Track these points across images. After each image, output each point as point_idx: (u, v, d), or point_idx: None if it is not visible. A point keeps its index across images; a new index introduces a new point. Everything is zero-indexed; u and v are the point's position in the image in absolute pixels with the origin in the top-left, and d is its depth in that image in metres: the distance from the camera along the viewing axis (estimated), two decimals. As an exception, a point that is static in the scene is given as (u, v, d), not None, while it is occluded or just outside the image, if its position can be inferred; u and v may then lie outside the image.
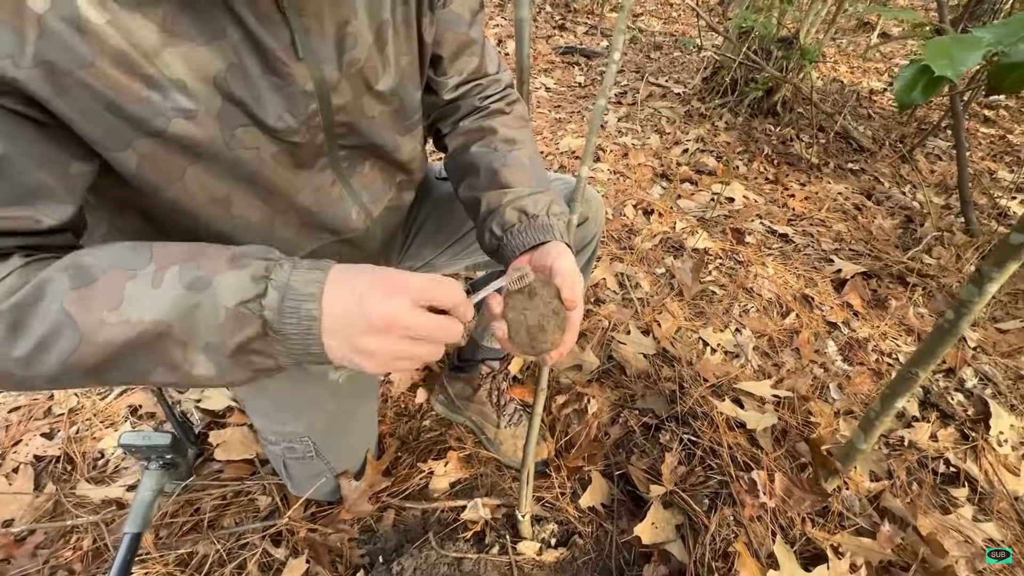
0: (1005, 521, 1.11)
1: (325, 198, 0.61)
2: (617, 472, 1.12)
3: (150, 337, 0.40)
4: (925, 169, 2.33)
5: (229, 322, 0.41)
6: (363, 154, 0.63)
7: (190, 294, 0.41)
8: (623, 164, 2.16)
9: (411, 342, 0.44)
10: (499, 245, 0.64)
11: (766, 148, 2.32)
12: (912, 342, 1.45)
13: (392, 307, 0.42)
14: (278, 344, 0.43)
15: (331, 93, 0.53)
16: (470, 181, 0.70)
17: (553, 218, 0.63)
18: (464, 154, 0.72)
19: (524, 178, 0.66)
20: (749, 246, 1.71)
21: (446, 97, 0.72)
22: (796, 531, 0.98)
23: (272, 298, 0.42)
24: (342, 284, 0.43)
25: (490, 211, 0.65)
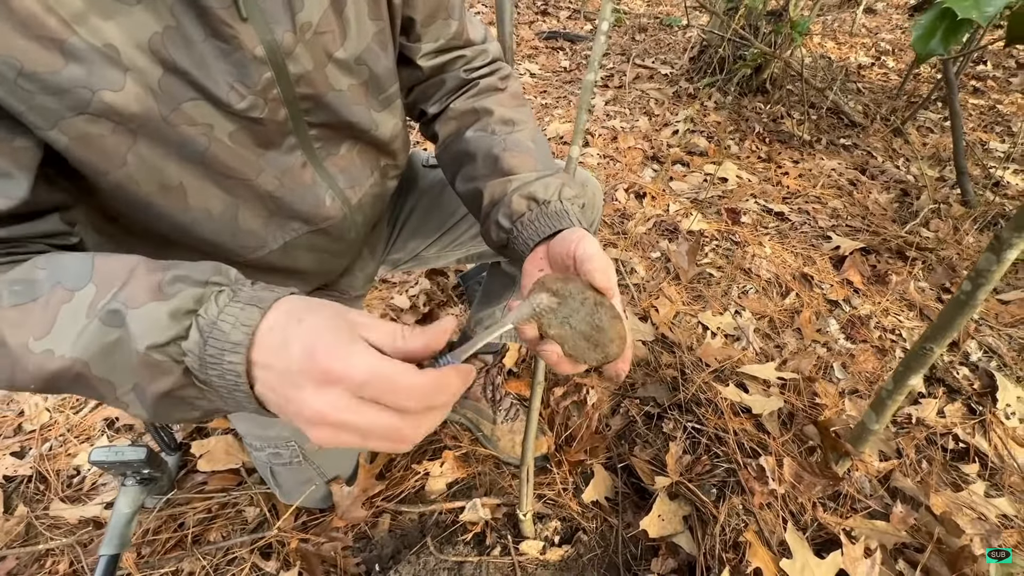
0: (1017, 495, 1.08)
1: (294, 182, 0.55)
2: (620, 464, 1.09)
3: (72, 374, 0.35)
4: (918, 142, 2.30)
5: (142, 369, 0.34)
6: (338, 135, 0.57)
7: (106, 330, 0.35)
8: (613, 148, 2.11)
9: (355, 435, 0.33)
10: (508, 239, 0.56)
11: (757, 126, 2.28)
12: (914, 317, 1.42)
13: (322, 403, 0.32)
14: (209, 392, 0.36)
15: (286, 60, 0.47)
16: (468, 170, 0.62)
17: (567, 203, 0.55)
18: (458, 141, 0.65)
19: (529, 162, 0.59)
20: (745, 226, 1.67)
21: (425, 66, 0.65)
22: (807, 517, 0.95)
23: (193, 341, 0.34)
24: (274, 328, 0.34)
25: (495, 202, 0.58)
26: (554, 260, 0.51)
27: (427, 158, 0.91)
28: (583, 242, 0.48)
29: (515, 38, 3.30)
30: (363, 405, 0.32)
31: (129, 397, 0.36)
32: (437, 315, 1.44)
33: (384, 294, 1.51)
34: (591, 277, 0.45)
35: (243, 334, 0.34)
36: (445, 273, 1.56)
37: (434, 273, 1.55)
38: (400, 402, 0.33)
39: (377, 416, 0.33)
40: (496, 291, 1.02)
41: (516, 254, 0.56)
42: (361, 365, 0.32)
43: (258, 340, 0.34)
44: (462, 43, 0.66)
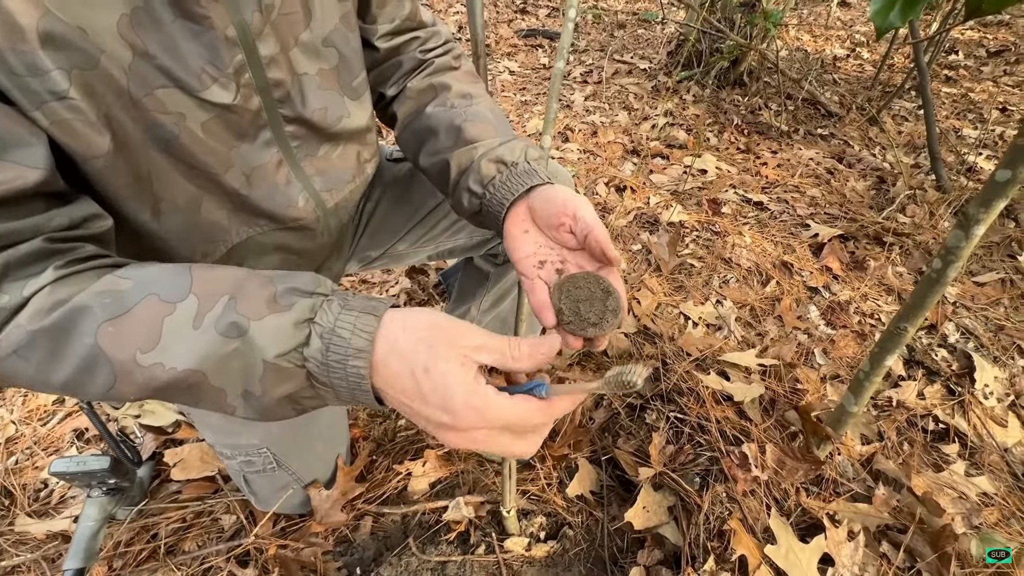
0: (996, 473, 1.09)
1: (265, 180, 0.54)
2: (604, 457, 1.08)
3: (186, 383, 0.38)
4: (892, 130, 2.33)
5: (269, 375, 0.38)
6: (315, 134, 0.57)
7: (225, 341, 0.37)
8: (593, 143, 2.11)
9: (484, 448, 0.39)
10: (481, 203, 0.58)
11: (735, 118, 2.29)
12: (892, 301, 1.43)
13: (464, 440, 0.38)
14: (326, 392, 0.39)
15: (256, 41, 0.47)
16: (431, 145, 0.63)
17: (533, 162, 0.58)
18: (419, 118, 0.66)
19: (490, 130, 0.61)
20: (725, 216, 1.67)
21: (382, 48, 0.65)
22: (791, 502, 0.95)
23: (315, 348, 0.37)
24: (396, 346, 0.38)
25: (463, 171, 0.59)
26: (541, 219, 0.54)
27: (391, 151, 0.89)
28: (580, 206, 0.51)
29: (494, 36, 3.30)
30: (498, 435, 0.38)
31: (238, 402, 0.39)
32: (418, 314, 1.42)
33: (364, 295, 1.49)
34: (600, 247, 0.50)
35: (365, 340, 0.37)
36: (426, 271, 1.54)
37: (415, 272, 1.53)
38: (527, 432, 0.40)
39: (508, 443, 0.39)
40: (470, 289, 1.01)
41: (491, 218, 0.58)
42: (496, 418, 0.37)
43: (379, 351, 0.38)
44: (416, 24, 0.68)
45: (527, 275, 0.53)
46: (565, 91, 2.57)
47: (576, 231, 0.52)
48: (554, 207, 0.52)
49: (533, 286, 0.51)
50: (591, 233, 0.50)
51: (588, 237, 0.50)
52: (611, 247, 0.50)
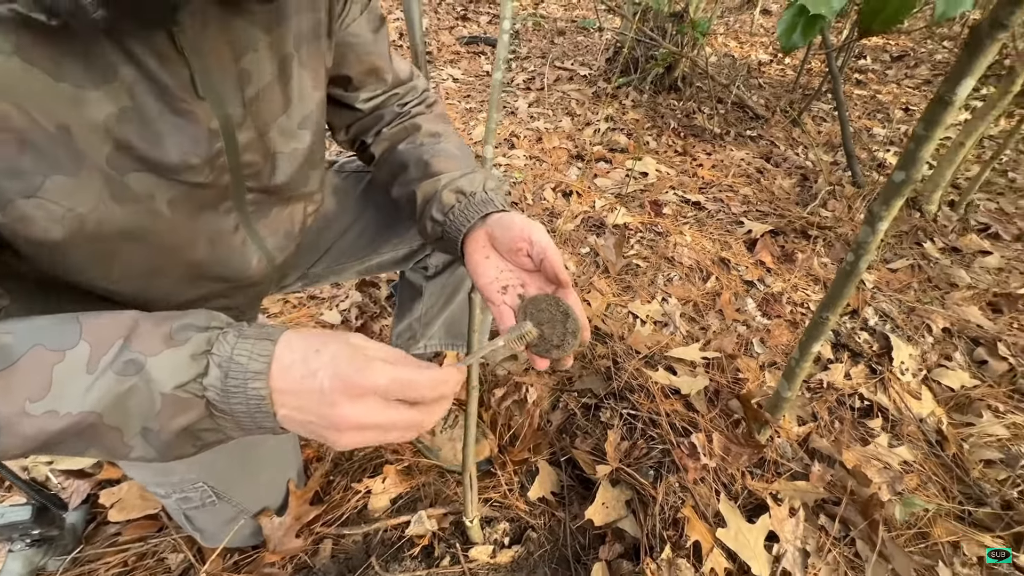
0: (914, 442, 1.20)
1: (224, 246, 0.56)
2: (563, 458, 1.10)
3: (79, 428, 0.37)
4: (813, 131, 2.52)
5: (168, 408, 0.38)
6: (272, 197, 0.60)
7: (121, 380, 0.38)
8: (538, 148, 2.15)
9: (382, 432, 0.41)
10: (443, 230, 0.63)
11: (672, 122, 2.40)
12: (819, 290, 1.54)
13: (358, 412, 0.39)
14: (225, 421, 0.41)
15: (236, 130, 0.50)
16: (402, 178, 0.69)
17: (491, 192, 0.63)
18: (392, 154, 0.72)
19: (454, 164, 0.67)
20: (666, 217, 1.75)
21: (364, 108, 0.73)
22: (737, 486, 1.01)
23: (214, 376, 0.39)
24: (295, 361, 0.40)
25: (427, 200, 0.65)
26: (501, 245, 0.59)
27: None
28: (536, 231, 0.57)
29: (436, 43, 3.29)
30: (389, 406, 0.40)
31: (135, 441, 0.39)
32: (371, 327, 1.40)
33: (313, 311, 1.45)
34: (554, 271, 0.55)
35: (262, 363, 0.39)
36: (377, 284, 1.52)
37: (365, 284, 1.51)
38: (418, 394, 0.41)
39: (400, 412, 0.41)
40: (406, 303, 1.02)
41: (450, 243, 0.63)
42: (383, 375, 0.40)
43: (276, 369, 0.40)
44: (395, 85, 0.75)
45: (493, 301, 0.57)
46: (509, 98, 2.60)
47: (532, 255, 0.57)
48: (512, 233, 0.57)
49: (500, 312, 0.56)
50: (546, 257, 0.55)
51: (543, 261, 0.55)
52: (563, 270, 0.55)
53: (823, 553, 0.96)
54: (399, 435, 0.42)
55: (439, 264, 0.93)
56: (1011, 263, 1.76)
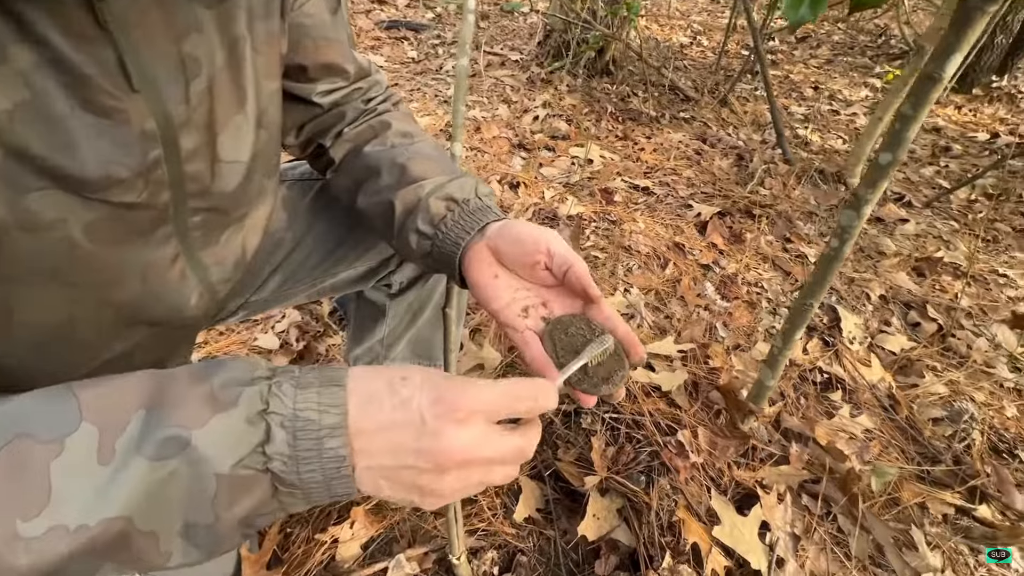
0: (871, 409, 1.25)
1: (158, 281, 0.46)
2: (547, 472, 1.03)
3: (103, 542, 0.28)
4: (740, 111, 2.60)
5: (225, 492, 0.30)
6: (223, 220, 0.50)
7: (157, 466, 0.29)
8: (478, 139, 2.04)
9: (487, 470, 0.35)
10: (432, 245, 0.54)
11: (609, 107, 2.38)
12: (769, 268, 1.58)
13: (468, 438, 0.33)
14: (292, 497, 0.33)
15: (179, 134, 0.40)
16: (372, 185, 0.59)
17: (485, 199, 0.56)
18: (357, 158, 0.62)
19: (435, 167, 0.58)
20: (617, 204, 1.72)
21: (323, 102, 0.62)
22: (726, 479, 0.99)
23: (280, 440, 0.31)
24: (379, 391, 0.33)
25: (409, 210, 0.56)
26: (512, 260, 0.51)
27: None
28: (553, 240, 0.49)
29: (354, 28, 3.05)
30: (494, 431, 0.34)
31: (175, 544, 0.30)
32: (315, 349, 1.25)
33: (244, 336, 1.27)
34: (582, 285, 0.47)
35: (336, 415, 0.32)
36: (318, 300, 1.36)
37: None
38: (525, 406, 0.35)
39: (505, 439, 0.35)
40: (366, 324, 0.91)
41: (444, 259, 0.54)
42: (489, 389, 0.34)
43: (354, 408, 0.33)
44: (359, 76, 0.65)
45: (514, 327, 0.49)
46: (440, 86, 2.46)
47: (553, 268, 0.49)
48: (525, 246, 0.49)
49: (525, 340, 0.48)
50: (571, 270, 0.48)
51: (568, 274, 0.48)
52: (592, 284, 0.47)
53: (810, 533, 0.97)
54: (504, 472, 0.36)
55: (404, 280, 0.82)
56: (925, 229, 1.92)
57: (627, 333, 0.48)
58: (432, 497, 0.34)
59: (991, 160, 2.50)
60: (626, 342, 0.48)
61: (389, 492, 0.34)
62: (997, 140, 2.71)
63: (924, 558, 0.96)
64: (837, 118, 2.76)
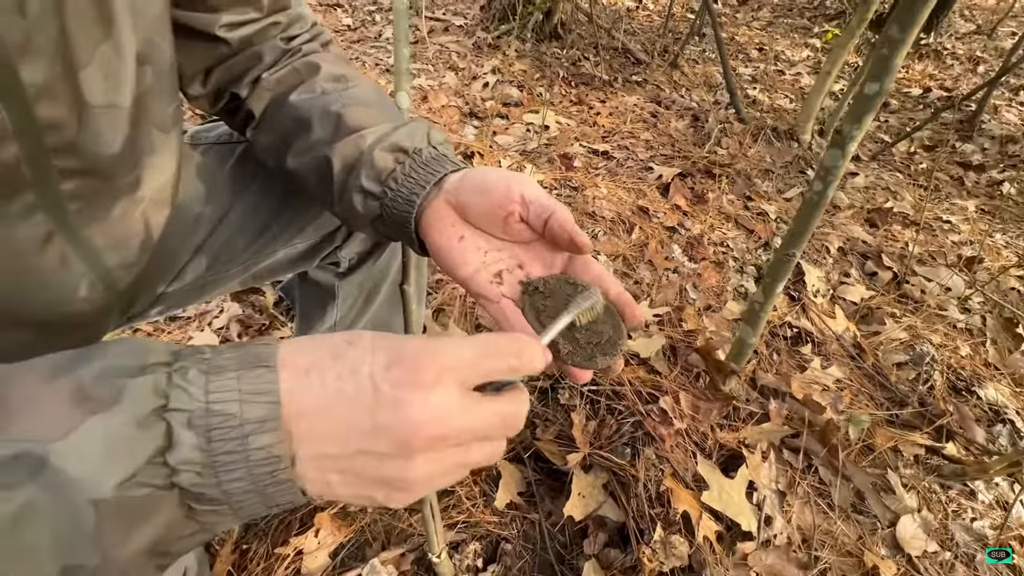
0: (839, 359, 1.26)
1: (27, 268, 0.37)
2: (526, 453, 0.97)
3: None
4: (690, 73, 2.57)
5: (112, 523, 0.22)
6: (108, 187, 0.40)
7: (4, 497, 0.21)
8: (425, 108, 1.91)
9: (466, 447, 0.28)
10: (381, 207, 0.46)
11: (560, 71, 2.29)
12: (732, 227, 1.56)
13: (439, 405, 0.26)
14: (214, 515, 0.25)
15: (16, 61, 0.30)
16: (302, 141, 0.50)
17: (440, 147, 0.47)
18: (281, 109, 0.52)
19: (378, 115, 0.49)
20: (578, 170, 1.65)
21: (231, 38, 0.50)
22: (710, 442, 0.96)
23: (186, 446, 0.23)
24: (318, 363, 0.26)
25: (349, 167, 0.47)
26: (479, 216, 0.42)
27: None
28: (527, 185, 0.41)
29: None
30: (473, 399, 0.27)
31: None
32: (261, 344, 1.13)
33: (176, 335, 1.13)
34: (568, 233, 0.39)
35: (265, 405, 0.25)
36: (259, 289, 1.23)
37: (243, 292, 1.21)
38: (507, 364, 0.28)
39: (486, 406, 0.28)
40: (314, 311, 0.80)
41: (396, 222, 0.45)
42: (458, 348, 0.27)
43: (288, 387, 0.25)
44: (276, 7, 0.54)
45: (487, 296, 0.41)
46: (381, 54, 2.29)
47: (530, 219, 0.41)
48: (494, 196, 0.41)
49: (502, 311, 0.41)
50: (553, 217, 0.40)
51: (550, 223, 0.40)
52: (580, 231, 0.40)
53: (793, 488, 0.96)
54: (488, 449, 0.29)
55: (353, 257, 0.72)
56: (874, 181, 1.96)
57: (621, 293, 0.41)
58: (400, 492, 0.27)
59: (926, 114, 2.60)
60: (621, 303, 0.41)
61: (344, 490, 0.27)
62: (929, 95, 2.83)
63: (901, 500, 0.98)
64: (783, 78, 2.79)
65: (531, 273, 0.43)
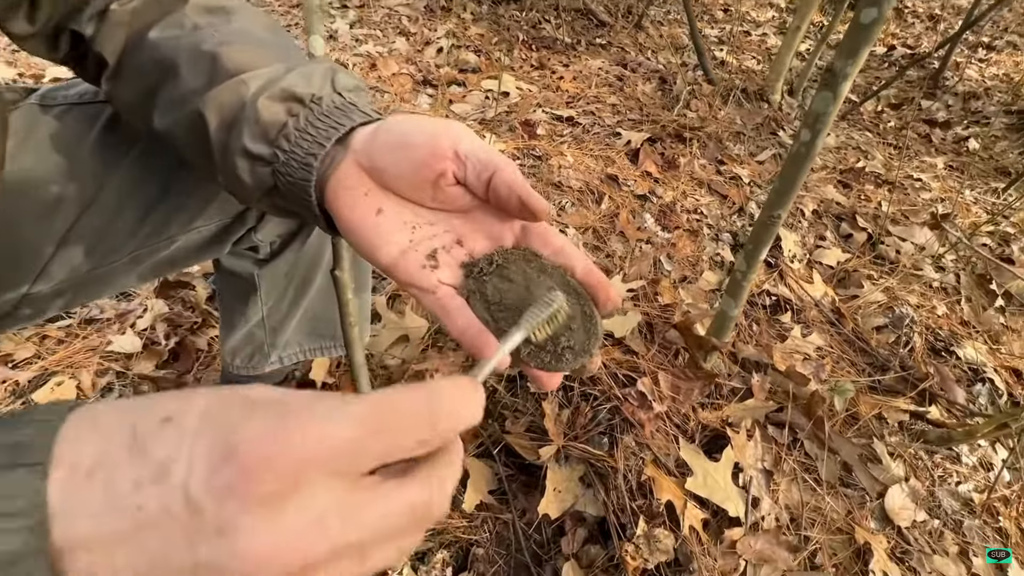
0: (819, 325, 1.22)
1: None
2: (495, 448, 0.89)
3: None
4: (655, 35, 2.47)
5: None
6: None
7: None
8: (375, 77, 1.76)
9: (358, 560, 0.19)
10: (273, 174, 0.36)
11: (520, 35, 2.15)
12: (705, 193, 1.49)
13: (293, 526, 0.17)
14: None
15: None
16: (169, 91, 0.39)
17: (348, 94, 0.37)
18: (140, 51, 0.40)
19: (266, 54, 0.39)
20: (541, 138, 1.54)
21: None
22: (692, 424, 0.90)
23: None
24: (104, 477, 0.17)
25: (229, 122, 0.36)
26: (398, 178, 0.33)
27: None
28: (462, 136, 0.32)
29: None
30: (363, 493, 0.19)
31: None
32: (193, 346, 1.00)
33: (93, 341, 0.99)
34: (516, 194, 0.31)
35: (20, 534, 0.16)
36: (189, 284, 1.09)
37: (170, 286, 1.07)
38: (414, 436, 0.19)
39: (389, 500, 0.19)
40: (234, 305, 0.69)
41: (295, 193, 0.35)
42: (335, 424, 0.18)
43: (60, 522, 0.16)
44: None
45: (420, 286, 0.32)
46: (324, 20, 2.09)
47: (468, 179, 0.32)
48: (418, 154, 0.32)
49: (442, 304, 0.32)
50: (497, 176, 0.31)
51: (494, 182, 0.31)
52: (532, 191, 0.31)
53: (779, 465, 0.91)
54: (393, 554, 0.20)
55: (274, 240, 0.61)
56: (844, 141, 1.92)
57: (590, 270, 0.33)
58: None
59: (891, 72, 2.58)
60: (591, 284, 0.32)
61: None
62: (893, 52, 2.80)
63: (888, 469, 0.94)
64: (749, 39, 2.71)
65: (475, 251, 0.34)
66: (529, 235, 0.34)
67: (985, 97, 2.41)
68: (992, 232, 1.58)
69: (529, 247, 0.34)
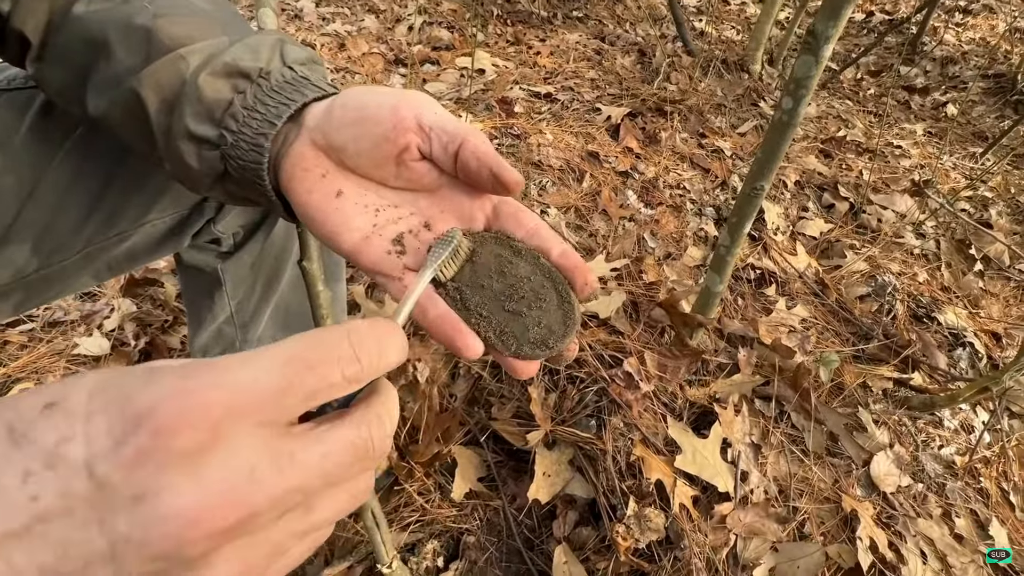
0: (803, 297, 1.22)
1: None
2: (483, 436, 0.88)
3: None
4: (633, 6, 2.41)
5: None
6: None
7: None
8: (344, 58, 1.69)
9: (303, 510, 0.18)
10: (221, 158, 0.33)
11: (494, 9, 2.09)
12: (688, 168, 1.47)
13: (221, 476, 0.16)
14: None
15: None
16: (101, 71, 0.35)
17: (300, 68, 0.34)
18: (65, 28, 0.36)
19: (206, 25, 0.35)
20: (519, 116, 1.50)
21: None
22: (680, 402, 0.89)
23: None
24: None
25: (169, 104, 0.33)
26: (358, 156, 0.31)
27: None
28: (424, 107, 0.30)
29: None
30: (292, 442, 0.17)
31: None
32: (164, 345, 0.96)
33: (58, 344, 0.94)
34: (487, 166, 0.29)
35: None
36: (157, 280, 1.04)
37: (136, 284, 1.03)
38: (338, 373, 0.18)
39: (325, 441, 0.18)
40: (200, 302, 0.66)
41: (247, 177, 0.33)
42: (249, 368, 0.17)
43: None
44: None
45: (385, 273, 0.31)
46: (288, -2, 2.00)
47: (433, 152, 0.30)
48: (379, 128, 0.30)
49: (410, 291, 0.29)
50: (464, 147, 0.29)
51: (461, 155, 0.29)
52: (503, 163, 0.29)
53: (767, 438, 0.91)
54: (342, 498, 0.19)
55: (237, 230, 0.57)
56: (825, 110, 1.90)
57: (566, 252, 0.30)
58: None
59: (870, 39, 2.56)
60: (567, 267, 0.30)
61: None
62: (872, 19, 2.78)
63: (873, 437, 0.95)
64: (728, 8, 2.66)
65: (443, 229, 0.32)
66: (502, 216, 0.32)
67: (963, 62, 2.41)
68: (971, 197, 1.59)
69: (502, 229, 0.32)
